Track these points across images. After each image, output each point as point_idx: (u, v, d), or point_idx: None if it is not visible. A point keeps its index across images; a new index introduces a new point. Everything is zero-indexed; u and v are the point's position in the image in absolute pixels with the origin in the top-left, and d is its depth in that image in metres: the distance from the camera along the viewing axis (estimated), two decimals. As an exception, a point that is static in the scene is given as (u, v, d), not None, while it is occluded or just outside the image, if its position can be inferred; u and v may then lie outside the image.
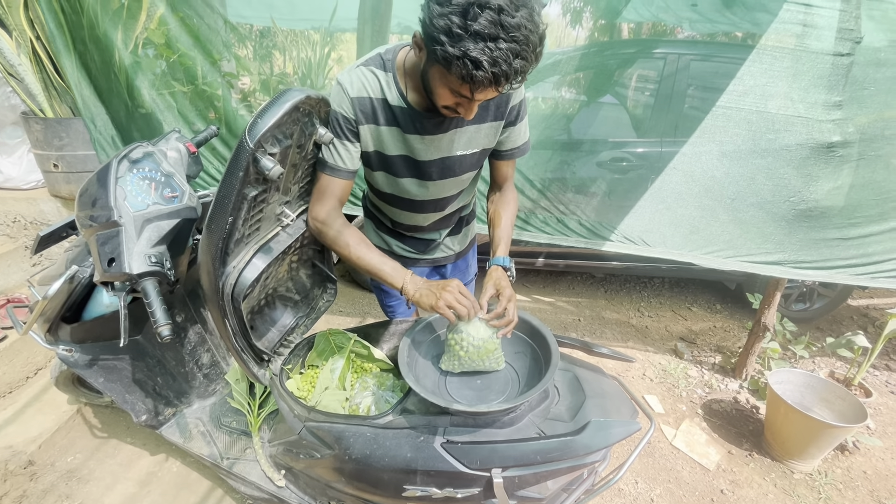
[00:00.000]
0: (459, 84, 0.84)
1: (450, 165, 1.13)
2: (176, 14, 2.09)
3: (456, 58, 0.78)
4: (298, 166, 1.07)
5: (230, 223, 0.91)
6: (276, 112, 0.86)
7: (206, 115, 2.26)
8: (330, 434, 1.11)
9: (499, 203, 1.27)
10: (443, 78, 0.87)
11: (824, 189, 1.77)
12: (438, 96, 0.93)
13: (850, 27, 1.51)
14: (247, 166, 0.86)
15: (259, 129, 0.84)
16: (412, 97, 1.03)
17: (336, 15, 2.64)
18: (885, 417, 2.12)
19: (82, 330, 1.36)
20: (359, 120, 1.04)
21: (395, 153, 1.10)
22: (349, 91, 1.01)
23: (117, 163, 1.10)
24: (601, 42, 2.20)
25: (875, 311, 2.97)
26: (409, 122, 1.05)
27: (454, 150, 1.11)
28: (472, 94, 0.86)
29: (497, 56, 0.77)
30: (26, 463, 1.65)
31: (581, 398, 1.08)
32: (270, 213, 1.09)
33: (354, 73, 1.02)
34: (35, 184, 2.79)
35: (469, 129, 1.10)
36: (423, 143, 1.08)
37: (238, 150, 0.85)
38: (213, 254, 0.93)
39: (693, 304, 3.03)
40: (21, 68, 2.40)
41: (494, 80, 0.80)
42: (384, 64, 1.03)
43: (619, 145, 2.32)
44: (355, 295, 2.94)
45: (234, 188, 0.87)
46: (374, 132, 1.07)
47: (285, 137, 0.94)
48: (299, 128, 0.97)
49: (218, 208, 0.89)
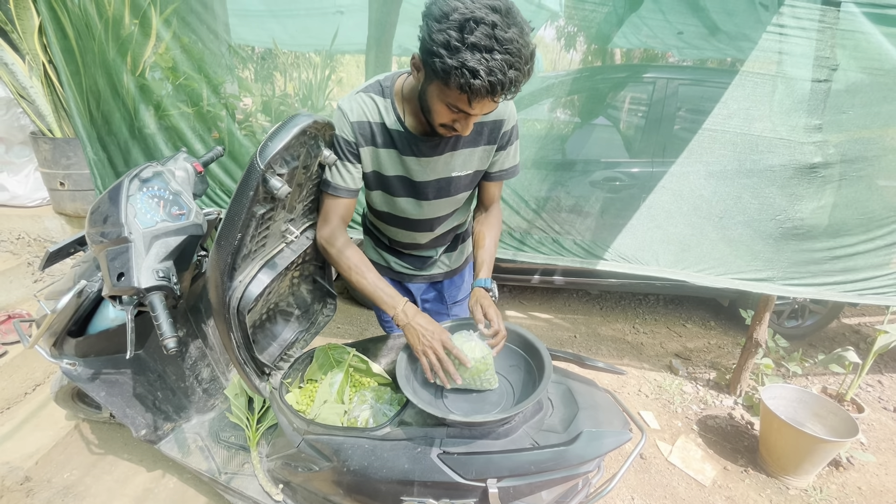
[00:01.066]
0: (457, 97, 0.89)
1: (445, 186, 1.19)
2: (182, 39, 2.18)
3: (454, 68, 0.84)
4: (303, 186, 1.12)
5: (239, 239, 0.96)
6: (286, 135, 0.91)
7: (209, 135, 2.33)
8: (328, 446, 1.13)
9: (484, 223, 1.31)
10: (441, 94, 0.92)
11: (809, 208, 1.83)
12: (436, 114, 0.98)
13: (825, 55, 1.59)
14: (257, 186, 0.91)
15: (270, 151, 0.89)
16: (409, 122, 1.09)
17: (337, 38, 2.74)
18: (878, 433, 2.14)
19: (87, 344, 1.39)
20: (359, 143, 1.10)
21: (392, 174, 1.16)
22: (349, 116, 1.08)
23: (129, 181, 1.15)
24: (594, 66, 2.30)
25: (866, 328, 3.01)
26: (405, 145, 1.11)
27: (449, 171, 1.17)
28: (470, 103, 0.90)
29: (493, 66, 0.82)
30: (23, 479, 1.65)
31: (574, 410, 1.11)
32: (276, 229, 1.13)
33: (354, 100, 1.09)
34: (40, 201, 2.84)
35: (464, 152, 1.15)
36: (420, 164, 1.14)
37: (249, 171, 0.90)
38: (222, 269, 0.97)
39: (687, 321, 3.07)
40: (32, 90, 2.47)
41: (491, 88, 0.85)
42: (383, 90, 1.09)
43: (612, 165, 2.39)
44: (353, 312, 2.96)
45: (244, 206, 0.92)
46: (373, 154, 1.13)
47: (293, 159, 0.99)
48: (306, 150, 1.02)
49: (228, 225, 0.94)
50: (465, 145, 1.14)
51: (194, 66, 2.24)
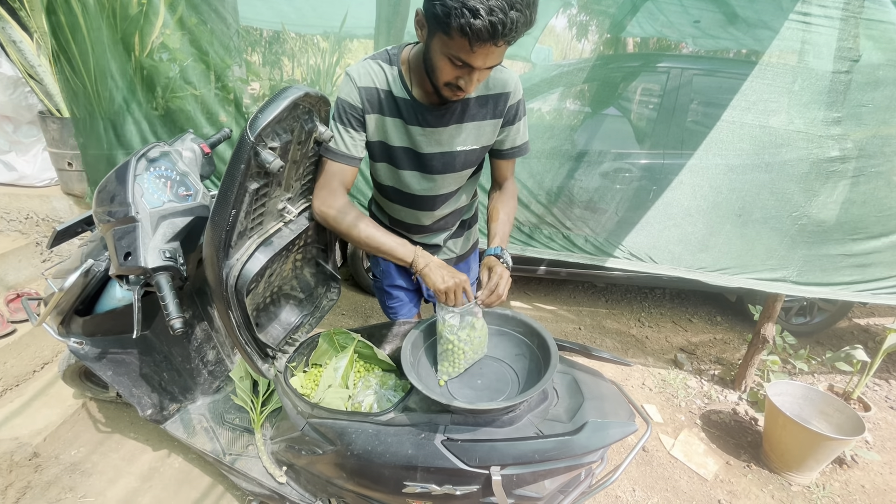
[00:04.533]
0: (459, 44, 0.89)
1: (450, 161, 1.18)
2: (190, 20, 2.16)
3: (454, 8, 0.84)
4: (300, 163, 1.11)
5: (233, 216, 0.94)
6: (277, 107, 0.89)
7: (217, 118, 2.32)
8: (332, 430, 1.13)
9: (498, 200, 1.32)
10: (443, 46, 0.92)
11: (825, 204, 1.79)
12: (440, 71, 0.97)
13: (848, 45, 1.55)
14: (248, 159, 0.89)
15: (259, 124, 0.87)
16: (416, 91, 1.09)
17: (346, 22, 2.70)
18: (884, 432, 2.12)
19: (94, 323, 1.39)
20: (365, 109, 1.09)
21: (397, 144, 1.15)
22: (357, 81, 1.08)
23: (136, 161, 1.14)
24: (606, 55, 2.25)
25: (876, 327, 2.98)
26: (411, 114, 1.11)
27: (455, 145, 1.16)
28: (472, 47, 0.88)
29: (493, 5, 0.82)
30: (31, 455, 1.68)
31: (579, 400, 1.10)
32: (273, 207, 1.12)
33: (363, 66, 1.09)
34: (48, 181, 2.84)
35: (469, 125, 1.14)
36: (425, 134, 1.13)
37: (240, 144, 0.88)
38: (217, 245, 0.96)
39: (693, 316, 3.04)
40: (41, 69, 2.46)
41: (492, 29, 0.84)
42: (390, 58, 1.10)
43: (622, 157, 2.35)
44: (358, 299, 2.97)
45: (236, 180, 0.90)
46: (380, 122, 1.12)
47: (285, 132, 0.97)
48: (300, 124, 1.00)
49: (221, 201, 0.92)
50: (471, 118, 1.14)
51: (202, 48, 2.21)
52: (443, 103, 1.10)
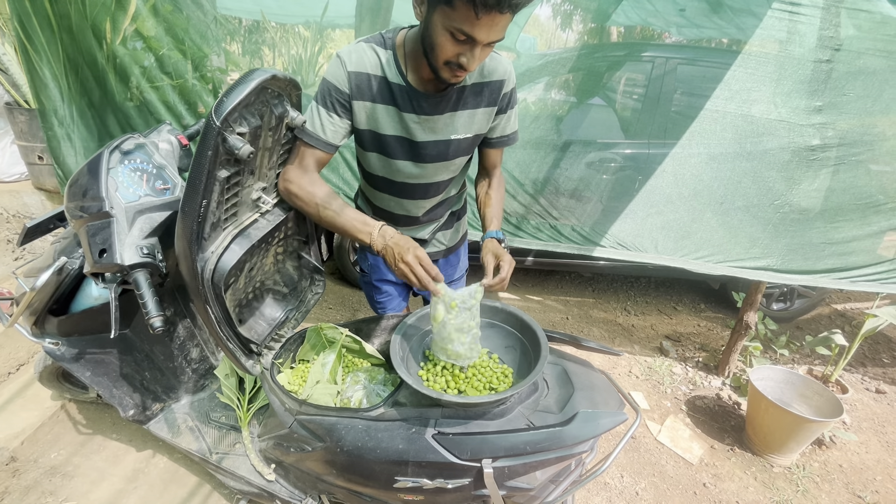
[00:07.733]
0: (464, 14, 0.85)
1: (444, 149, 1.15)
2: (164, 7, 2.07)
3: None
4: (273, 150, 1.07)
5: (204, 206, 0.90)
6: (242, 91, 0.85)
7: (196, 109, 2.25)
8: (321, 427, 1.11)
9: (489, 187, 1.31)
10: (445, 19, 0.88)
11: (807, 192, 1.82)
12: (441, 49, 0.92)
13: (830, 34, 1.56)
14: (216, 146, 0.85)
15: (225, 108, 0.83)
16: (412, 77, 1.05)
17: (328, 11, 2.63)
18: (861, 413, 2.19)
19: (70, 323, 1.34)
20: (353, 94, 1.05)
21: (390, 133, 1.11)
22: (347, 65, 1.02)
23: (109, 153, 1.09)
24: (591, 44, 2.24)
25: (853, 311, 3.07)
26: (406, 101, 1.06)
27: (450, 133, 1.13)
28: (477, 16, 0.84)
29: None
30: (8, 459, 1.62)
31: (570, 391, 1.10)
32: (247, 197, 1.08)
33: (355, 48, 1.03)
34: (18, 176, 2.73)
35: (465, 113, 1.12)
36: (420, 122, 1.09)
37: (206, 130, 0.84)
38: (189, 237, 0.92)
39: (678, 304, 3.09)
40: (6, 58, 2.35)
41: None
42: (384, 42, 1.05)
43: (608, 146, 2.36)
44: (345, 293, 2.94)
45: (204, 168, 0.86)
46: (369, 110, 1.07)
47: (254, 117, 0.93)
48: (269, 109, 0.97)
49: (190, 190, 0.88)
50: (466, 106, 1.11)
51: (178, 37, 2.13)
52: (439, 90, 1.06)
